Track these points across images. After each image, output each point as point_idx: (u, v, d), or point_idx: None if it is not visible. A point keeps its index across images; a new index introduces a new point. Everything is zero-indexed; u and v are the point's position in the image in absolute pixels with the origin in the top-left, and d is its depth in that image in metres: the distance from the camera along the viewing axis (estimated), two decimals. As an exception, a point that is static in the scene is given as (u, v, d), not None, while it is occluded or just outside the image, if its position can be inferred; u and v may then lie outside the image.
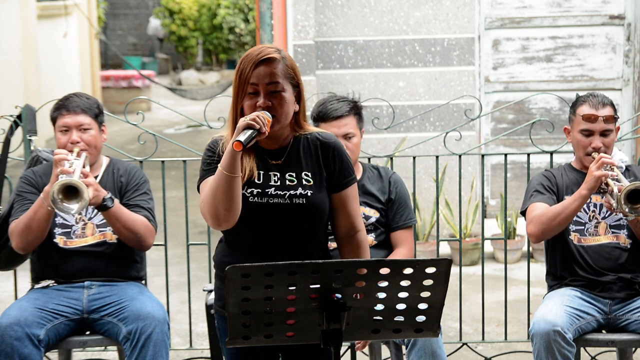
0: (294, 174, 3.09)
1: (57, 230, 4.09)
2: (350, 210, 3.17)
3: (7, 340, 3.80)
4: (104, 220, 4.04)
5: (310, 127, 3.19)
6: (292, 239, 3.09)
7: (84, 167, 3.93)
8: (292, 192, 3.06)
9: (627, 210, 3.81)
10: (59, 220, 4.10)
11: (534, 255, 6.72)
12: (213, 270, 5.00)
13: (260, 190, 3.05)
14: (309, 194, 3.07)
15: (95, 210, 4.05)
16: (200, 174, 3.13)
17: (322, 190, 3.11)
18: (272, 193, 3.05)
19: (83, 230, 4.11)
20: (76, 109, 4.09)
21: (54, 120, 4.14)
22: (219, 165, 2.96)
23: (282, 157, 3.12)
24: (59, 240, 4.09)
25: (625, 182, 3.91)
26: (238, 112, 3.07)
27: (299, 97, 3.12)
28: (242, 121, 2.93)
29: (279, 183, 3.07)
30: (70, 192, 3.76)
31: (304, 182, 3.09)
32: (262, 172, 3.08)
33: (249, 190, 3.04)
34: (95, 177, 4.09)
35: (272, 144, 3.12)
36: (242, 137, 2.88)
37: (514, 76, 7.33)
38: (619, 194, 3.81)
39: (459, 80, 7.13)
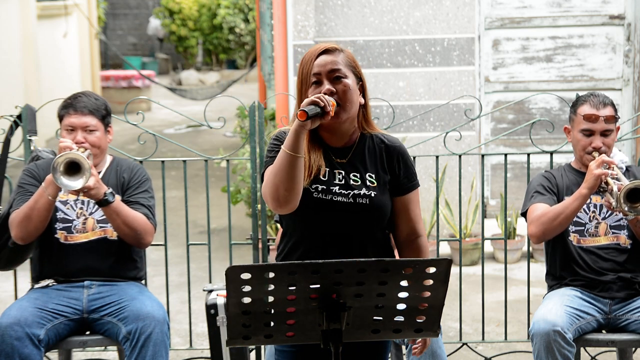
0: (358, 175, 3.10)
1: (58, 225, 4.10)
2: (412, 215, 3.17)
3: (8, 340, 3.80)
4: (105, 216, 4.05)
5: (376, 127, 3.19)
6: (351, 238, 3.08)
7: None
8: (355, 191, 3.07)
9: (626, 209, 3.81)
10: (60, 215, 4.11)
11: (534, 255, 6.72)
12: (213, 271, 5.02)
13: (324, 187, 3.05)
14: (372, 195, 3.07)
15: (96, 206, 4.05)
16: (265, 161, 3.11)
17: (385, 192, 3.11)
18: (337, 191, 3.06)
19: (84, 225, 4.11)
20: (83, 109, 4.10)
21: (60, 118, 4.14)
22: (282, 146, 2.95)
23: (347, 156, 3.11)
24: (60, 235, 4.09)
25: (625, 181, 3.90)
26: None
27: (362, 91, 3.12)
28: (306, 100, 2.92)
29: (343, 182, 3.08)
30: (73, 170, 3.80)
31: (368, 183, 3.09)
32: (327, 170, 3.09)
33: (313, 186, 3.05)
34: (98, 174, 4.10)
35: (338, 141, 3.12)
36: (307, 108, 2.88)
37: (514, 76, 7.33)
38: (619, 192, 3.81)
39: (459, 80, 7.13)
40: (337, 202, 3.05)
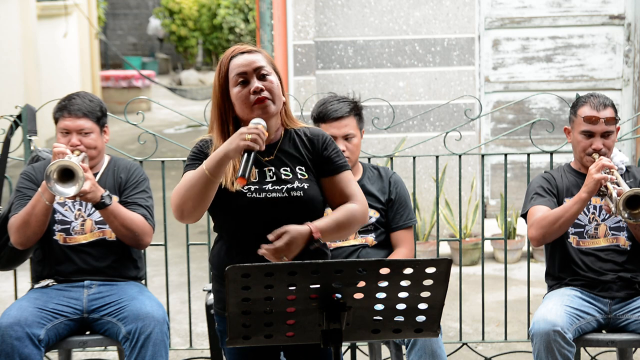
0: (288, 169, 3.12)
1: (57, 227, 4.09)
2: (347, 192, 3.15)
3: (8, 340, 3.80)
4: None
5: (299, 122, 3.23)
6: None
7: (82, 162, 3.94)
8: (289, 185, 3.08)
9: (626, 216, 3.81)
10: (58, 217, 4.10)
11: (534, 255, 6.72)
12: (213, 270, 5.02)
13: (257, 187, 3.07)
14: (305, 187, 3.09)
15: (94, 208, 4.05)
16: (184, 169, 3.14)
17: (315, 183, 3.14)
18: (270, 188, 3.08)
19: (82, 226, 4.11)
20: (77, 112, 4.07)
21: (55, 120, 4.13)
22: (203, 163, 2.98)
23: (274, 152, 3.14)
24: (59, 237, 4.09)
25: (625, 186, 3.90)
26: (227, 108, 3.11)
27: (281, 88, 3.17)
28: (241, 141, 2.93)
29: (275, 178, 3.10)
30: (66, 176, 3.79)
31: (299, 176, 3.12)
32: (257, 171, 3.11)
33: (246, 187, 3.06)
34: (95, 175, 4.09)
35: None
36: (244, 171, 2.90)
37: (514, 76, 7.33)
38: (618, 198, 3.81)
39: (459, 80, 7.13)
40: (272, 198, 3.07)
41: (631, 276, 4.08)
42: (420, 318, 2.80)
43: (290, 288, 2.68)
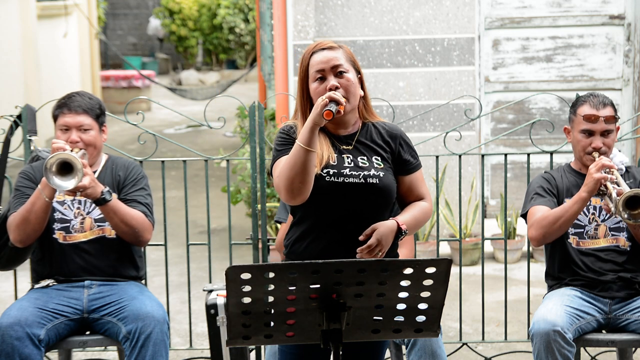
0: (365, 158, 3.24)
1: (56, 226, 4.10)
2: (421, 191, 3.34)
3: (8, 340, 3.81)
4: (102, 215, 4.05)
5: (377, 116, 3.36)
6: (363, 219, 3.18)
7: (81, 158, 3.95)
8: (365, 172, 3.20)
9: (626, 216, 3.81)
10: (57, 215, 4.10)
11: (534, 255, 6.72)
12: (213, 271, 5.02)
13: (336, 171, 3.18)
14: (381, 175, 3.21)
15: (94, 205, 4.05)
16: (274, 155, 3.25)
17: (391, 174, 3.26)
18: (347, 173, 3.19)
19: (82, 225, 4.11)
20: (77, 109, 4.09)
21: (55, 118, 4.14)
22: (296, 141, 3.09)
23: (352, 143, 3.26)
24: (59, 235, 4.09)
25: (624, 186, 3.90)
26: (307, 100, 3.24)
27: (361, 83, 3.28)
28: (320, 100, 3.06)
29: (352, 164, 3.21)
30: (65, 169, 3.79)
31: (376, 165, 3.23)
32: (336, 156, 3.22)
33: (324, 171, 3.17)
34: (94, 173, 4.10)
35: (342, 130, 3.28)
36: (332, 108, 3.05)
37: (514, 76, 7.33)
38: (618, 199, 3.81)
39: (459, 80, 7.13)
40: (349, 183, 3.18)
41: (631, 276, 4.08)
42: (420, 318, 2.80)
43: (290, 288, 2.69)
